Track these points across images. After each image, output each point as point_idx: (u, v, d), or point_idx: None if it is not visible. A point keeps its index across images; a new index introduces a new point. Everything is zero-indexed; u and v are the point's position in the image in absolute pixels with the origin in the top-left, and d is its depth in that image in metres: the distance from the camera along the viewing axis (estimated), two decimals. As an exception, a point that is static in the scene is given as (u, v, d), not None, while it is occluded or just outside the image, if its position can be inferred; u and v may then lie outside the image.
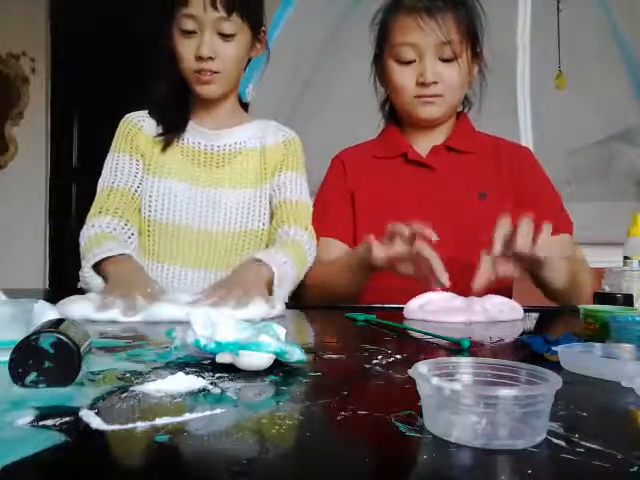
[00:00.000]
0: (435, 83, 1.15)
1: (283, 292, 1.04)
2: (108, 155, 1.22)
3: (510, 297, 1.23)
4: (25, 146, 3.47)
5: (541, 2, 2.31)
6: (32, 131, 3.46)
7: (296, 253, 1.11)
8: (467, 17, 1.17)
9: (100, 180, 1.20)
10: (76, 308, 0.81)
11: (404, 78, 1.17)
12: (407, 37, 1.15)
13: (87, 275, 1.01)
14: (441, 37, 1.13)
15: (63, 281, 3.46)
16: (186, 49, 1.10)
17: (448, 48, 1.14)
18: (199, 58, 1.09)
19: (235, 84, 1.20)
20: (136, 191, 1.19)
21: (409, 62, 1.16)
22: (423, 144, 1.25)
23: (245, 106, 1.33)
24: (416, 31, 1.14)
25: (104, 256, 1.00)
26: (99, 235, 1.09)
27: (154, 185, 1.19)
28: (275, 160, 1.22)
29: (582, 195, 2.11)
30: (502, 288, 1.18)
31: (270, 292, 1.01)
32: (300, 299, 1.17)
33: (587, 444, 0.33)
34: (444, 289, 0.92)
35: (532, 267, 0.95)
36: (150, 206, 1.18)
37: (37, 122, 3.47)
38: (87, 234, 1.11)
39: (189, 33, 1.09)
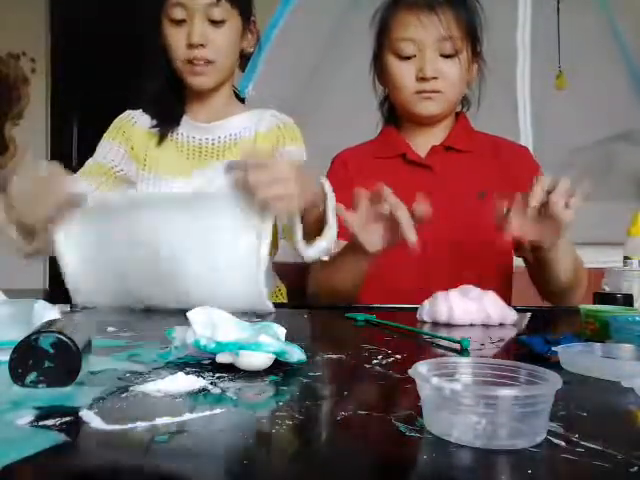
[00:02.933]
0: (435, 79, 1.14)
1: (334, 223, 0.93)
2: (98, 144, 1.22)
3: (510, 296, 1.23)
4: (25, 146, 3.47)
5: (541, 2, 2.31)
6: (32, 131, 3.46)
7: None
8: (468, 14, 1.17)
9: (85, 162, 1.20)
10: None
11: (403, 73, 1.16)
12: (407, 32, 1.14)
13: None
14: (442, 32, 1.12)
15: (63, 281, 3.46)
16: (176, 38, 1.09)
17: (449, 44, 1.13)
18: (190, 46, 1.08)
19: (228, 75, 1.19)
20: (118, 172, 1.18)
21: (409, 57, 1.15)
22: (422, 144, 1.25)
23: (242, 101, 1.32)
24: (416, 26, 1.13)
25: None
26: None
27: (149, 183, 1.18)
28: (269, 145, 1.20)
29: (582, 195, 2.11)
30: (501, 287, 1.18)
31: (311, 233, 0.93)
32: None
33: (587, 444, 0.33)
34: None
35: (551, 237, 0.94)
36: None
37: (37, 122, 3.47)
38: None
39: (179, 22, 1.09)
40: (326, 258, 0.97)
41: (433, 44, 1.13)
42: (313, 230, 0.95)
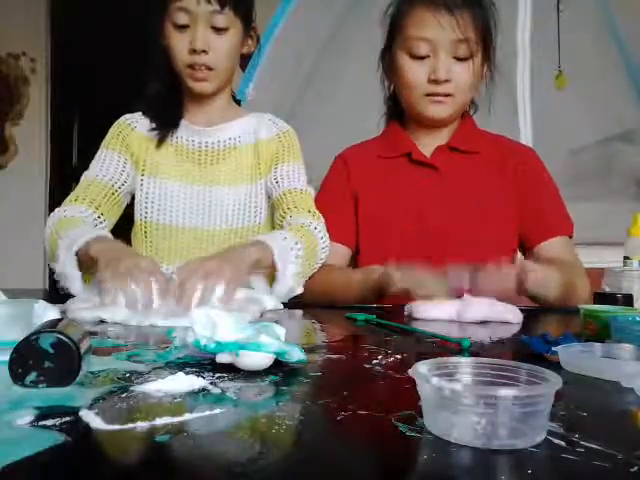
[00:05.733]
0: (447, 81, 1.12)
1: (290, 270, 1.00)
2: (97, 152, 1.22)
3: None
4: (25, 146, 3.47)
5: (541, 2, 2.31)
6: (32, 131, 3.46)
7: (302, 234, 1.06)
8: (484, 17, 1.15)
9: (84, 172, 1.19)
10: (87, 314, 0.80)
11: (416, 73, 1.14)
12: (423, 31, 1.12)
13: (66, 262, 0.95)
14: (459, 34, 1.10)
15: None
16: (179, 43, 1.10)
17: (464, 46, 1.11)
18: (192, 51, 1.09)
19: (228, 79, 1.20)
20: (119, 188, 1.18)
21: (422, 57, 1.13)
22: (427, 144, 1.24)
23: (238, 103, 1.32)
24: (433, 26, 1.11)
25: (87, 238, 0.94)
26: (70, 219, 1.07)
27: (149, 186, 1.18)
28: (270, 153, 1.21)
29: (582, 195, 2.11)
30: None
31: (270, 274, 0.99)
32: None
33: (587, 444, 0.33)
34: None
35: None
36: (146, 207, 1.18)
37: (37, 122, 3.47)
38: (57, 216, 1.09)
39: (182, 27, 1.09)
40: (300, 290, 1.04)
41: (448, 46, 1.11)
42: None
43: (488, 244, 1.16)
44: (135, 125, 1.22)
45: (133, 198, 1.22)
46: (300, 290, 1.04)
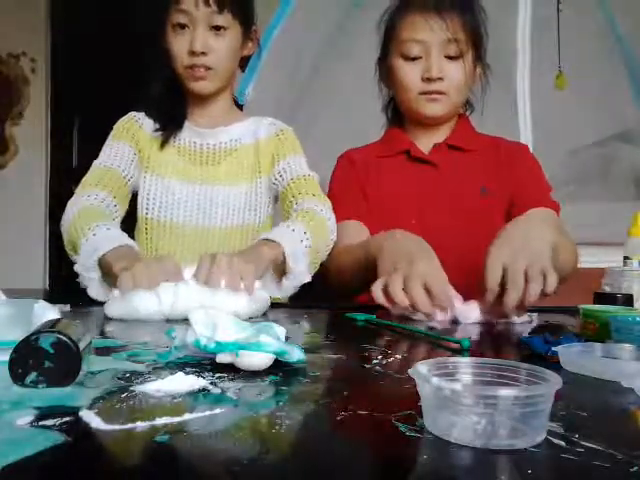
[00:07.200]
0: (440, 79, 1.17)
1: (301, 267, 1.02)
2: (106, 142, 1.22)
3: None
4: (25, 146, 3.47)
5: (541, 2, 2.31)
6: (32, 131, 3.46)
7: (309, 220, 1.08)
8: (473, 19, 1.21)
9: (96, 160, 1.19)
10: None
11: (410, 74, 1.19)
12: (415, 34, 1.18)
13: (87, 265, 0.97)
14: (448, 34, 1.16)
15: (63, 281, 3.46)
16: (179, 45, 1.11)
17: (454, 46, 1.17)
18: (192, 53, 1.10)
19: (228, 81, 1.21)
20: (129, 180, 1.19)
21: (415, 58, 1.18)
22: (425, 142, 1.28)
23: (240, 108, 1.34)
24: (424, 28, 1.17)
25: (110, 247, 0.95)
26: (91, 208, 1.07)
27: (152, 184, 1.20)
28: (269, 152, 1.23)
29: (582, 195, 2.11)
30: None
31: (282, 272, 1.02)
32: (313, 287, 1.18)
33: (587, 444, 0.33)
34: None
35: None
36: (148, 204, 1.19)
37: (37, 122, 3.47)
38: (81, 202, 1.08)
39: (181, 29, 1.10)
40: (309, 278, 1.05)
41: (439, 46, 1.17)
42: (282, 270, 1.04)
43: (486, 241, 1.16)
44: (142, 123, 1.23)
45: (136, 194, 1.22)
46: (309, 279, 1.05)
